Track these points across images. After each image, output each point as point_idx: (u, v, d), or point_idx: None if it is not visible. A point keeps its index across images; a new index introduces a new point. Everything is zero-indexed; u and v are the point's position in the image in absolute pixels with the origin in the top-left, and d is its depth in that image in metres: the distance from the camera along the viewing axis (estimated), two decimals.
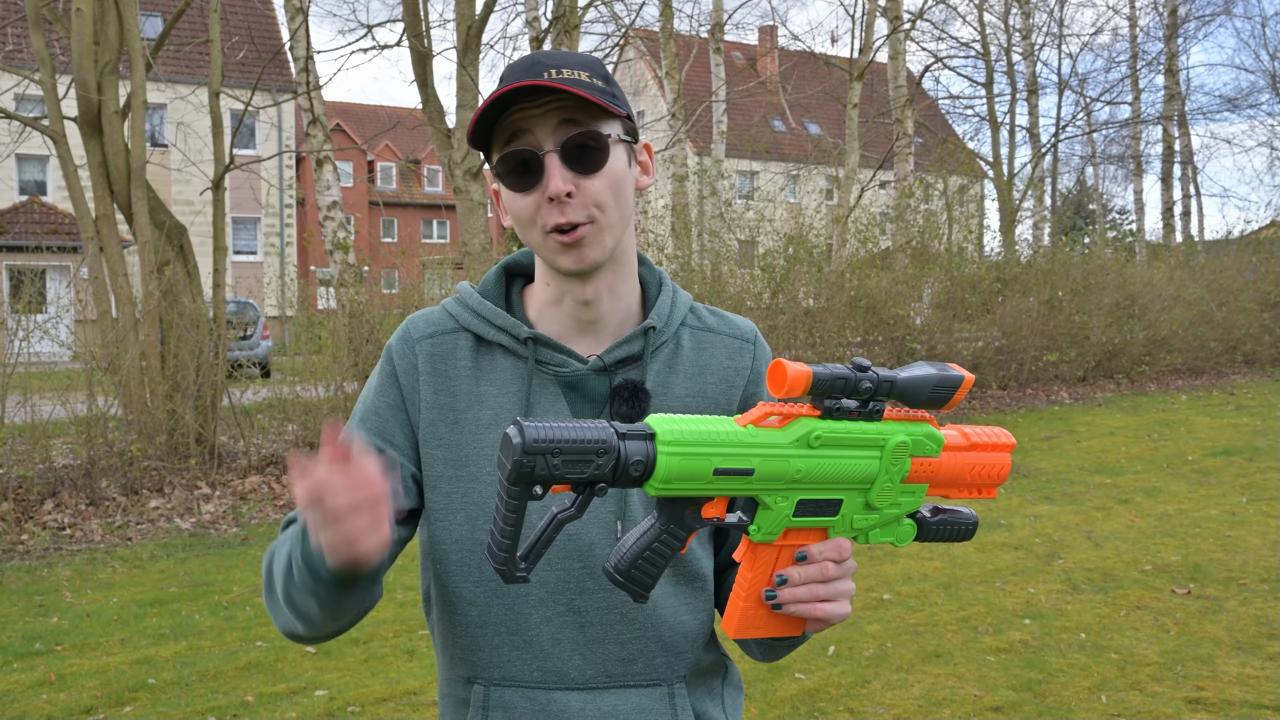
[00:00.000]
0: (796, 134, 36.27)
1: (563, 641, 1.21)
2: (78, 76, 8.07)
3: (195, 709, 3.99)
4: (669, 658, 1.24)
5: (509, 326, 1.25)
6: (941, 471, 1.05)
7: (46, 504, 7.16)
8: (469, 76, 9.91)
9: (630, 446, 0.92)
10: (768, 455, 0.97)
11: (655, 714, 1.23)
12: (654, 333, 1.26)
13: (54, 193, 26.58)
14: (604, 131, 1.17)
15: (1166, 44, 25.09)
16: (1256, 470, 8.52)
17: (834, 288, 12.77)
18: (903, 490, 1.05)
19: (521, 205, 1.18)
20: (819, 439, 0.99)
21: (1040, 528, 6.68)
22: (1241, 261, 18.23)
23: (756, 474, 0.97)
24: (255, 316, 16.87)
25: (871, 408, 1.01)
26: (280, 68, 27.05)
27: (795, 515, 1.02)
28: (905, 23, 17.98)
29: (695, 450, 0.94)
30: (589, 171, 1.16)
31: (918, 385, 1.01)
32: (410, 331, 1.28)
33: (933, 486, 1.07)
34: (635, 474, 0.92)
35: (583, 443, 0.89)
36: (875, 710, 3.89)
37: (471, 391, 1.24)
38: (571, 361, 1.23)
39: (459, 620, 1.24)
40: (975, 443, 1.07)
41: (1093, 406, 13.19)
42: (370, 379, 1.30)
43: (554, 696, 1.21)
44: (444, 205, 44.69)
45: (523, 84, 1.13)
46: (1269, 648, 4.42)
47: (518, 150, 1.16)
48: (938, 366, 1.02)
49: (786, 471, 0.98)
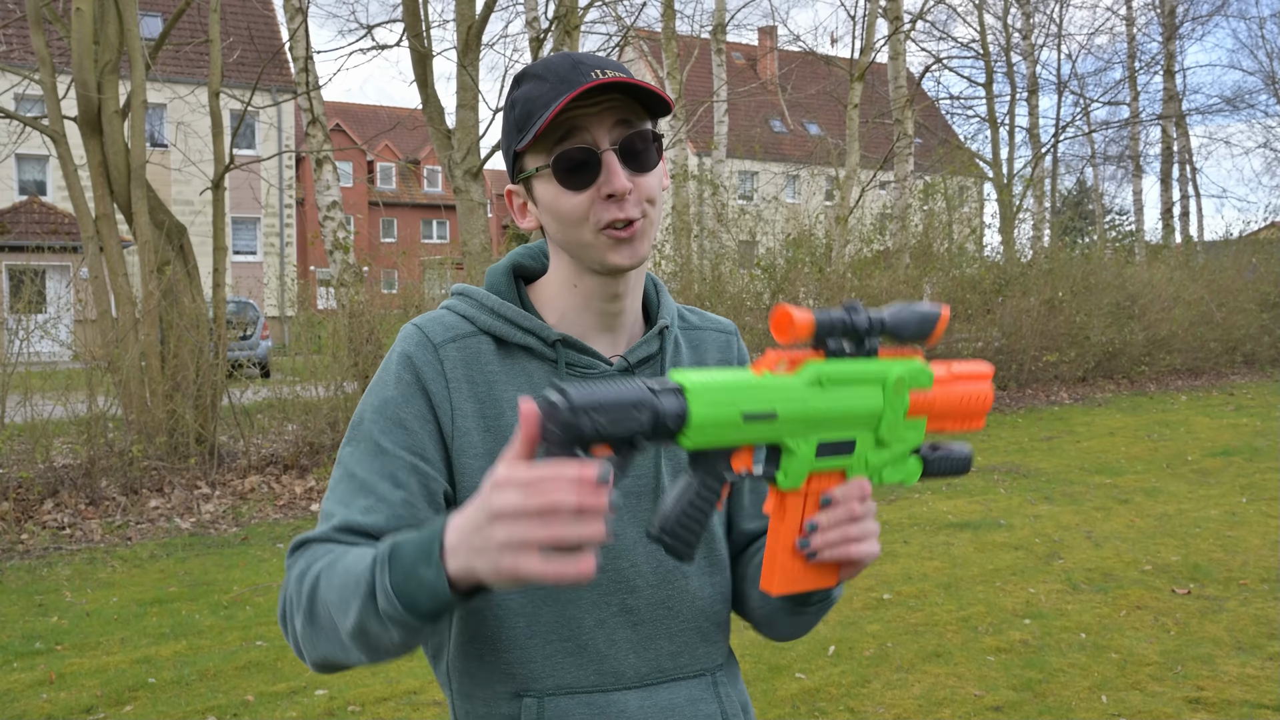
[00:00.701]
0: (796, 134, 36.29)
1: (617, 642, 1.20)
2: (78, 76, 8.07)
3: (195, 708, 3.99)
4: (708, 647, 1.26)
5: (536, 329, 1.23)
6: (937, 404, 1.10)
7: (46, 504, 7.16)
8: (469, 77, 9.91)
9: (665, 400, 0.94)
10: (788, 398, 1.01)
11: (704, 703, 1.24)
12: (667, 331, 1.30)
13: (54, 192, 26.58)
14: (653, 130, 1.21)
15: (1165, 44, 25.11)
16: (1256, 470, 8.52)
17: (834, 288, 12.78)
18: (907, 425, 1.10)
19: (575, 203, 1.18)
20: (829, 378, 1.03)
21: (1040, 528, 6.68)
22: (1241, 262, 18.24)
23: (780, 417, 1.00)
24: (255, 316, 16.87)
25: (867, 346, 1.06)
26: (280, 68, 27.05)
27: (817, 457, 1.05)
28: (906, 23, 17.99)
29: (723, 396, 0.97)
30: (643, 169, 1.19)
31: (904, 320, 1.06)
32: (430, 337, 1.22)
33: (930, 419, 1.11)
34: (672, 425, 0.94)
35: (623, 401, 0.91)
36: (875, 710, 3.89)
37: (502, 397, 1.21)
38: (597, 363, 1.24)
39: (505, 633, 1.18)
40: (958, 374, 1.12)
41: (1092, 407, 13.19)
42: (381, 390, 1.21)
43: (612, 699, 1.19)
44: (444, 205, 44.72)
45: (603, 81, 1.13)
46: (1269, 647, 4.42)
47: (577, 148, 1.16)
48: (919, 304, 1.08)
49: (806, 412, 1.02)
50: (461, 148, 9.85)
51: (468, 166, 9.87)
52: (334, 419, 8.64)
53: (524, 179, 1.22)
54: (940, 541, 6.38)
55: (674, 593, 1.22)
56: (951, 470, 1.14)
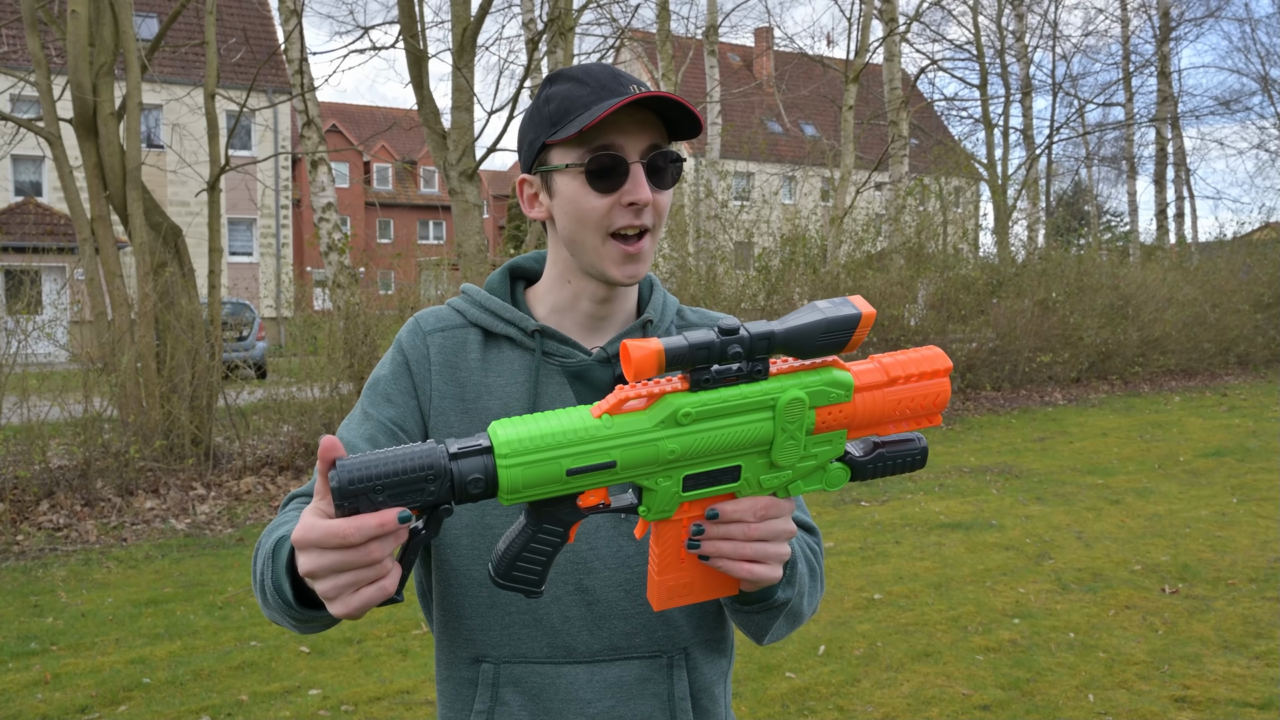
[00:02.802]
0: (792, 135, 36.32)
1: (571, 619, 1.27)
2: (73, 78, 8.09)
3: (190, 708, 4.02)
4: (669, 631, 1.30)
5: (517, 320, 1.32)
6: (859, 414, 0.99)
7: (42, 505, 7.18)
8: (464, 78, 9.93)
9: (464, 465, 0.89)
10: (629, 443, 0.93)
11: (655, 683, 1.29)
12: (651, 325, 1.35)
13: (49, 194, 26.55)
14: (678, 154, 1.28)
15: (1158, 46, 25.17)
16: (1248, 471, 8.57)
17: (829, 289, 12.82)
18: (815, 442, 1.00)
19: (596, 205, 1.24)
20: (688, 415, 0.93)
21: (1031, 528, 6.72)
22: (1234, 263, 18.30)
23: (620, 464, 0.93)
24: (251, 318, 16.89)
25: (751, 369, 0.95)
26: (276, 69, 27.04)
27: (685, 490, 0.98)
28: (901, 25, 18.03)
29: (540, 456, 0.90)
30: (662, 186, 1.26)
31: (803, 335, 0.94)
32: (420, 325, 1.35)
33: (853, 430, 1.01)
34: (476, 491, 0.89)
35: (406, 473, 0.86)
36: (865, 709, 3.92)
37: (481, 382, 1.31)
38: (576, 352, 1.30)
39: (468, 603, 1.28)
40: (896, 375, 1.00)
41: (1086, 407, 13.24)
42: (379, 369, 1.35)
43: (562, 670, 1.27)
44: (440, 206, 44.67)
45: (653, 95, 1.21)
46: (1255, 647, 4.46)
47: (612, 155, 1.23)
48: (833, 305, 0.94)
49: (657, 455, 0.94)
50: (457, 149, 9.88)
51: (463, 168, 9.89)
52: (329, 420, 8.66)
53: (545, 171, 1.29)
54: (931, 542, 6.41)
55: (632, 576, 1.27)
56: (897, 469, 1.04)
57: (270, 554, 1.10)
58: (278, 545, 1.09)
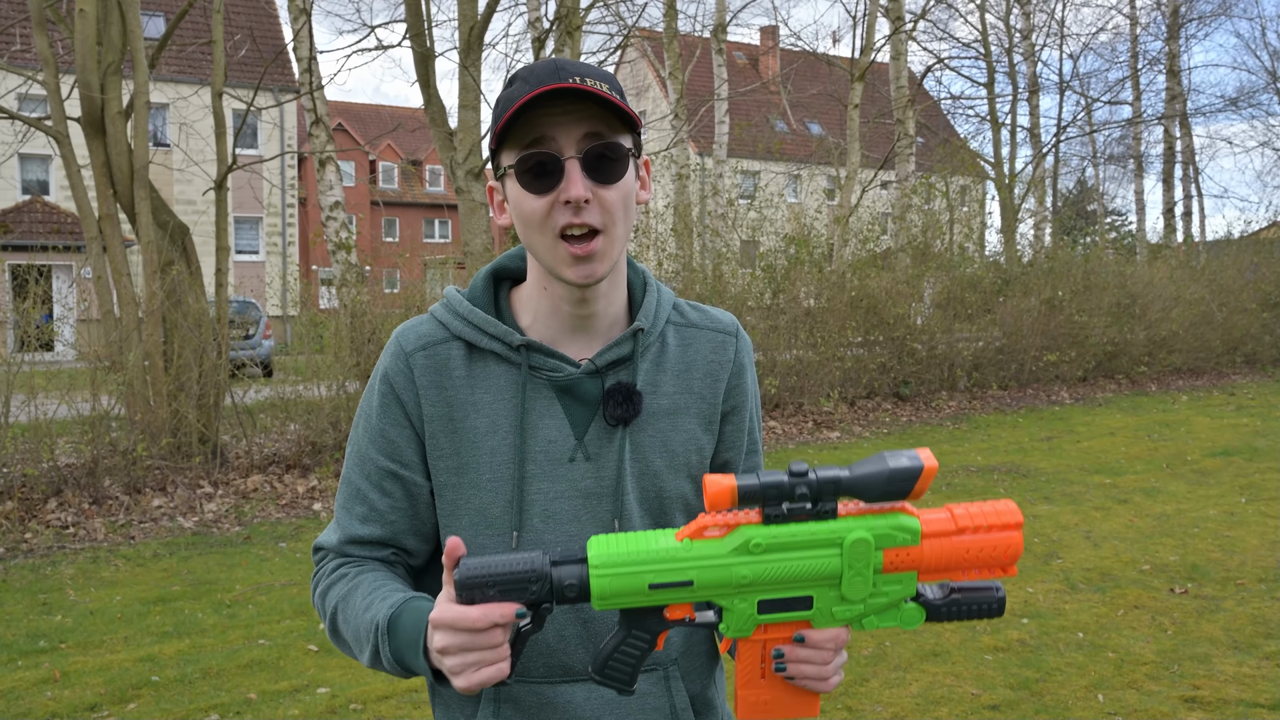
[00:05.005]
0: (798, 134, 36.29)
1: (567, 638, 1.26)
2: (81, 77, 8.10)
3: (198, 706, 4.02)
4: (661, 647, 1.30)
5: (501, 334, 1.27)
6: (927, 559, 1.06)
7: (50, 503, 7.19)
8: (471, 77, 9.93)
9: (563, 572, 1.04)
10: (705, 565, 1.04)
11: (654, 697, 1.29)
12: (642, 334, 1.30)
13: (57, 192, 26.62)
14: (624, 145, 1.21)
15: (1168, 44, 25.10)
16: (1256, 470, 8.54)
17: (835, 288, 12.80)
18: (885, 580, 1.07)
19: (535, 206, 1.20)
20: (759, 545, 1.04)
21: (1039, 527, 6.70)
22: (1242, 261, 18.22)
23: (696, 584, 1.05)
24: (258, 316, 16.92)
25: (820, 508, 1.04)
26: (283, 68, 27.09)
27: (760, 613, 1.08)
28: (907, 23, 18.00)
29: (627, 569, 1.04)
30: (607, 181, 1.20)
31: (867, 482, 1.01)
32: (402, 345, 1.30)
33: (923, 573, 1.07)
34: (571, 595, 1.04)
35: (515, 574, 1.03)
36: (873, 708, 3.92)
37: (467, 400, 1.27)
38: (564, 366, 1.27)
39: None
40: (964, 526, 1.05)
41: (1093, 407, 13.21)
42: (368, 400, 1.32)
43: (560, 689, 1.27)
44: (446, 205, 44.77)
45: (561, 86, 1.14)
46: (1265, 647, 4.45)
47: (540, 152, 1.18)
48: (897, 458, 1.01)
49: (730, 579, 1.05)
50: (463, 148, 9.88)
51: (470, 166, 9.90)
52: (336, 418, 8.67)
53: (500, 176, 1.25)
54: None
55: None
56: (970, 615, 1.11)
57: (386, 627, 1.16)
58: (393, 619, 1.16)
